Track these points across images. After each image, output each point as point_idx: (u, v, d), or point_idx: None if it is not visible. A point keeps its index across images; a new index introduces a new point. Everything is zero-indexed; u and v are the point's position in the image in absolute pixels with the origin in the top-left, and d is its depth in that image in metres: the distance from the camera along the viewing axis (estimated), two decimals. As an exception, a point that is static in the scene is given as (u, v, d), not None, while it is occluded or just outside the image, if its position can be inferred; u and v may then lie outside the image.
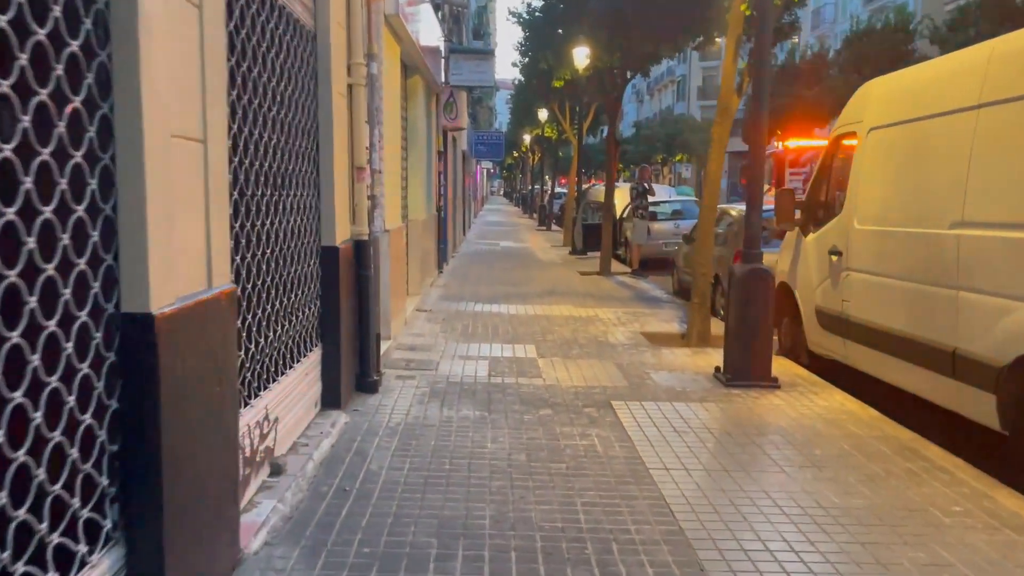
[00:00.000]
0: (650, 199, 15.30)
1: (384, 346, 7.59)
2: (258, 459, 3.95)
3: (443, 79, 14.24)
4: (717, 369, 6.95)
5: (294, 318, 4.73)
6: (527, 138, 42.68)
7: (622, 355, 7.78)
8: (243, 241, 3.71)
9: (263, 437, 4.03)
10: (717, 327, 8.76)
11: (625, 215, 18.60)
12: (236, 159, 3.61)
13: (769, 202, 11.90)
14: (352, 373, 5.89)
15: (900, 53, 27.37)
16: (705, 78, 68.73)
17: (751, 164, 6.74)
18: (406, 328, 8.96)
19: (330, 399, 5.42)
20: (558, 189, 36.87)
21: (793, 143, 16.57)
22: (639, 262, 15.16)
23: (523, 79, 32.92)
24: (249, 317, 3.84)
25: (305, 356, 5.00)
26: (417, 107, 11.43)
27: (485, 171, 60.61)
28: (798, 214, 7.67)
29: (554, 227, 30.96)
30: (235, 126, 3.60)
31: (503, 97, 61.72)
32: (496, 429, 5.30)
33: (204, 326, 2.89)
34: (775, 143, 34.94)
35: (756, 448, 5.05)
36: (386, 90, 7.99)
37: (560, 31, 17.77)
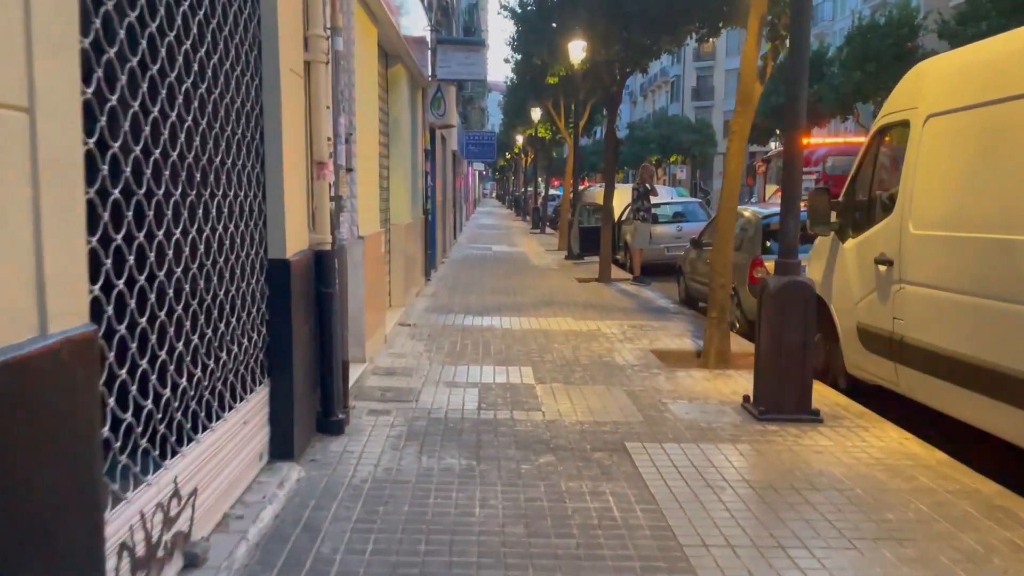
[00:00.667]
0: (652, 200, 14.27)
1: (357, 371, 6.55)
2: (161, 553, 2.90)
3: (430, 72, 13.22)
4: (746, 399, 5.93)
5: (226, 353, 3.69)
6: (520, 139, 41.75)
7: (632, 379, 6.75)
8: (131, 259, 2.67)
9: (170, 521, 2.98)
10: (736, 344, 7.76)
11: (624, 218, 17.63)
12: (117, 143, 2.57)
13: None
14: (311, 412, 4.85)
15: (905, 49, 26.51)
16: (700, 78, 67.85)
17: (788, 157, 5.73)
18: (385, 347, 7.92)
19: (281, 448, 4.37)
20: (552, 191, 35.86)
21: (804, 140, 15.58)
22: (641, 268, 14.13)
23: (515, 78, 32.01)
24: (144, 362, 2.79)
25: (245, 399, 3.96)
26: (400, 100, 10.41)
27: (477, 173, 59.65)
28: (834, 216, 6.67)
29: (548, 230, 29.96)
30: (115, 96, 2.56)
31: (495, 99, 60.83)
32: (487, 486, 4.26)
33: (24, 398, 1.85)
34: (776, 144, 33.99)
35: (812, 511, 4.02)
36: (361, 76, 6.97)
37: (554, 24, 16.79)
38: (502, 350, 7.91)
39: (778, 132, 35.53)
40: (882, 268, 5.86)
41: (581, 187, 22.88)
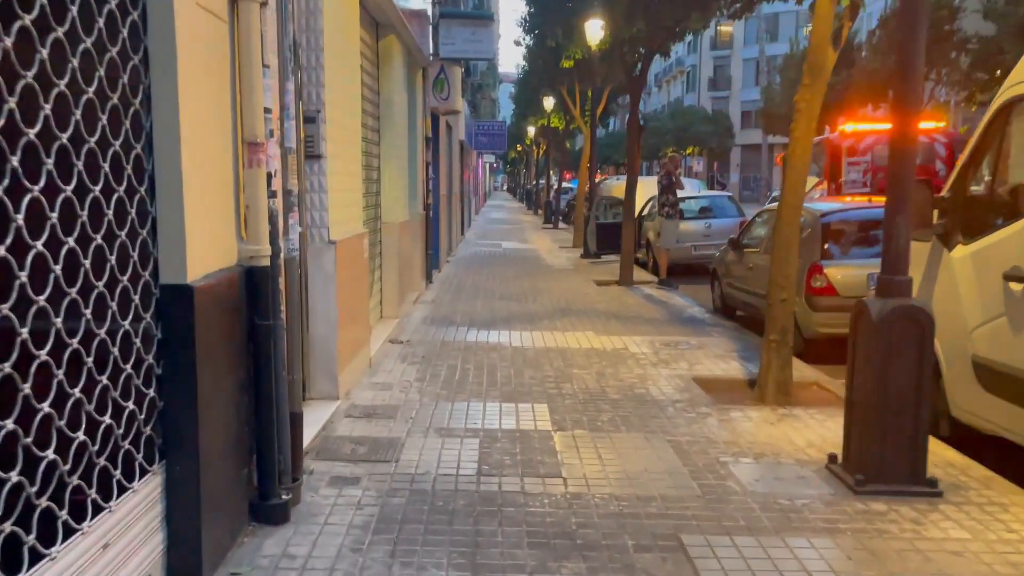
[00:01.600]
0: (678, 194, 12.76)
1: (327, 413, 5.16)
2: None
3: (431, 50, 11.79)
4: (832, 459, 4.50)
5: (58, 446, 2.28)
6: (531, 130, 40.28)
7: (676, 423, 5.32)
8: None
9: None
10: (798, 370, 6.32)
11: (646, 213, 16.19)
12: None
13: (833, 198, 9.49)
14: (238, 498, 3.44)
15: (943, 33, 24.88)
16: (717, 68, 65.97)
17: (898, 140, 4.25)
18: (369, 373, 6.51)
19: (183, 562, 2.97)
20: (564, 184, 34.31)
21: (850, 127, 14.03)
22: (667, 270, 12.65)
23: (527, 65, 30.56)
24: None
25: (108, 509, 2.56)
26: (393, 78, 8.99)
27: (488, 165, 58.22)
28: (936, 217, 5.21)
29: (561, 225, 28.52)
30: None
31: (506, 91, 59.28)
32: (484, 627, 2.85)
33: None
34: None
35: None
36: (335, 39, 5.55)
37: (569, 3, 15.35)
38: (511, 378, 6.49)
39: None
40: (1016, 287, 4.40)
41: (598, 179, 21.42)
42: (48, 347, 2.19)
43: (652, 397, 5.97)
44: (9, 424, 2.03)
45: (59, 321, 2.25)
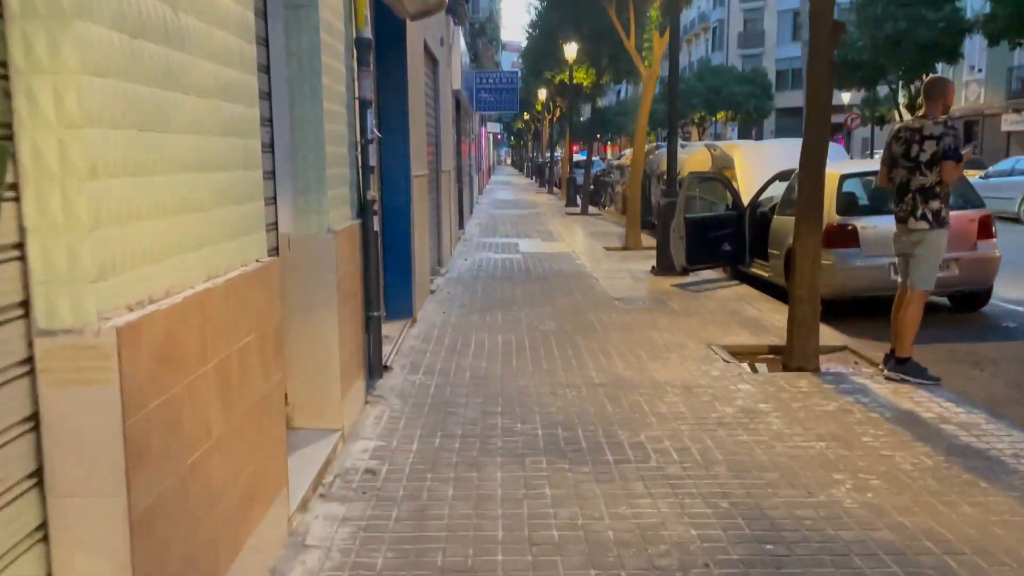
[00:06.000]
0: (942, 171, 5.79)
1: None
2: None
3: None
4: None
5: None
6: (543, 93, 33.32)
7: None
8: None
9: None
10: None
11: (762, 199, 9.53)
12: None
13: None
14: None
15: None
16: (747, 22, 58.22)
17: None
18: None
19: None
20: (586, 157, 27.31)
21: None
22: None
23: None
24: None
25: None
26: None
27: (492, 136, 51.22)
28: None
29: (591, 209, 21.68)
30: None
31: (508, 61, 52.40)
32: None
33: None
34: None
35: None
36: None
37: None
38: None
39: (901, 71, 27.15)
40: None
41: (683, 147, 14.61)
42: None
43: None
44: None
45: None
